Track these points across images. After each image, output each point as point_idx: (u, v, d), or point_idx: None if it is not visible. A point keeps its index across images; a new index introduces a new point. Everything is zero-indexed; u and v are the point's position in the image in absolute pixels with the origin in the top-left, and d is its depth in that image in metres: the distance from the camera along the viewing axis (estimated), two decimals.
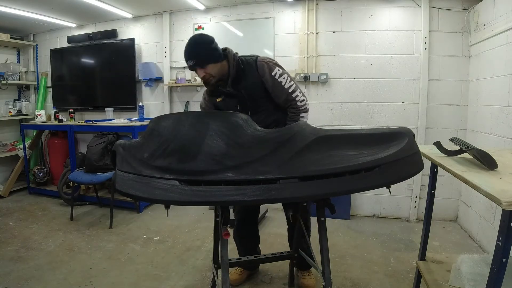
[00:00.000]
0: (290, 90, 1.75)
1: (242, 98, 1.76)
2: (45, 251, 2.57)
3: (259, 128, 1.34)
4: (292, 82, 1.76)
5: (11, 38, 4.23)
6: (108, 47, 4.14)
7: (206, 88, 1.84)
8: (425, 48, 3.07)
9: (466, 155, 1.37)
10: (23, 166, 4.21)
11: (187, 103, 3.90)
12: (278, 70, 1.74)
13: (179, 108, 3.97)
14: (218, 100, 1.80)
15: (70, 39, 4.33)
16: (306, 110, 1.80)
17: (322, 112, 3.43)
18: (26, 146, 4.15)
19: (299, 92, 1.78)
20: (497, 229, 0.94)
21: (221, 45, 1.76)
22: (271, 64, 1.75)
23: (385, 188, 1.19)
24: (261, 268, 2.27)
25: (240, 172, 1.04)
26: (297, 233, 1.86)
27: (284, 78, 1.74)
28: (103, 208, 3.57)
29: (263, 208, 3.29)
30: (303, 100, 1.78)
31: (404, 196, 3.29)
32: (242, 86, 1.74)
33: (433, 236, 2.68)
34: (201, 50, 1.66)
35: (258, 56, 1.78)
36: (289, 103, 1.78)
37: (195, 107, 3.88)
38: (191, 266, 2.35)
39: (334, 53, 3.34)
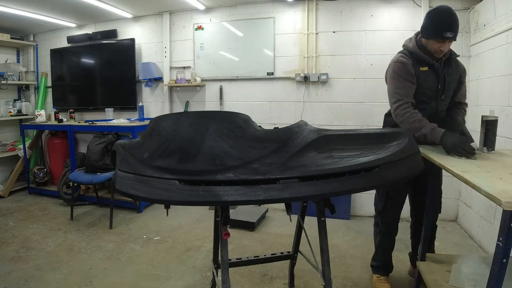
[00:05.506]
0: (465, 93, 1.99)
1: (443, 78, 1.85)
2: (45, 251, 2.57)
3: (258, 128, 1.34)
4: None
5: (11, 38, 4.23)
6: (108, 47, 4.14)
7: (403, 56, 1.86)
8: None
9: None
10: (23, 166, 4.21)
11: (187, 103, 3.90)
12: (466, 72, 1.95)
13: (179, 108, 3.97)
14: (422, 68, 1.85)
15: (70, 39, 4.33)
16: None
17: (322, 112, 3.42)
18: (26, 146, 4.15)
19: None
20: (497, 229, 0.94)
21: (220, 45, 1.76)
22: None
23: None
24: (261, 268, 2.27)
25: (240, 172, 1.04)
26: (298, 233, 1.87)
27: (466, 81, 1.98)
28: (103, 208, 3.57)
29: (263, 208, 3.29)
30: (467, 103, 2.00)
31: None
32: (446, 70, 1.85)
33: None
34: (458, 24, 1.70)
35: (457, 55, 1.94)
36: (460, 101, 1.97)
37: (195, 107, 3.89)
38: (191, 266, 2.35)
39: (334, 53, 3.34)
